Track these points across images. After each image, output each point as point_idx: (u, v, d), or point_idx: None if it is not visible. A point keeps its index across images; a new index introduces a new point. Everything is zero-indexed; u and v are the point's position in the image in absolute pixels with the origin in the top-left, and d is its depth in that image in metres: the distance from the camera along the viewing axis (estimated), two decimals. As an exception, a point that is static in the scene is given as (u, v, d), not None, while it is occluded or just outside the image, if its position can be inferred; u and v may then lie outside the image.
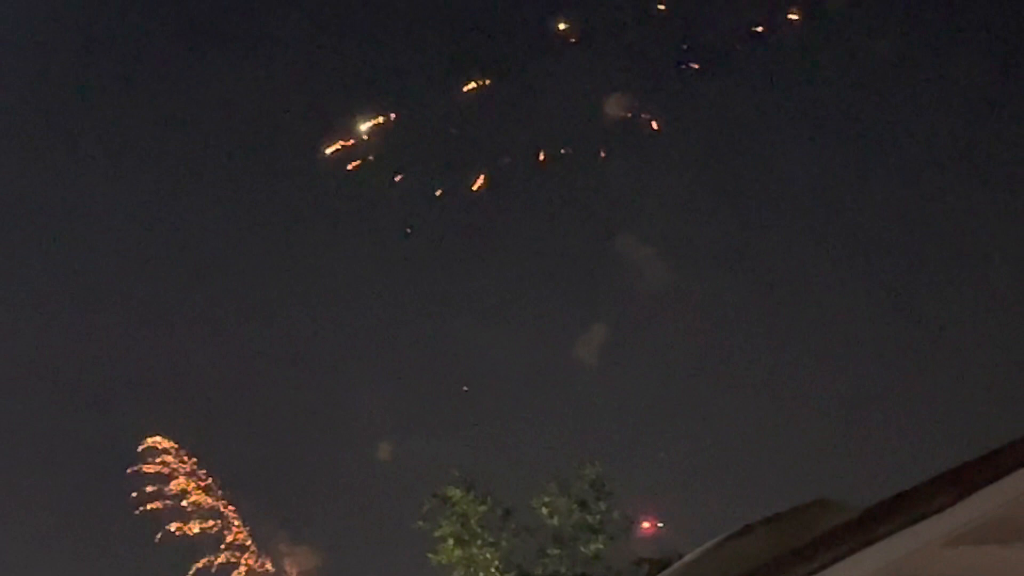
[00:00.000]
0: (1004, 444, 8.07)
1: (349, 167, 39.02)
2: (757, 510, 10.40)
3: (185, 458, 39.53)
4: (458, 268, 40.76)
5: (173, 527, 38.64)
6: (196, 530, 38.61)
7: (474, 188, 38.65)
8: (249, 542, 38.76)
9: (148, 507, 38.85)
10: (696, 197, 40.11)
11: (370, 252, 41.06)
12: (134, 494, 38.92)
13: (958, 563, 6.78)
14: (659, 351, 39.27)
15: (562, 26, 38.76)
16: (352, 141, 39.06)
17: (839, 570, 6.65)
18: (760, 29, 39.06)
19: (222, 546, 38.68)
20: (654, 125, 38.43)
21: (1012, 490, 6.83)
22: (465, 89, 38.96)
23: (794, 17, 39.15)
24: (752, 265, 40.64)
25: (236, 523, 38.91)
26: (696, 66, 38.95)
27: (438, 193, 39.19)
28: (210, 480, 39.82)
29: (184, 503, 39.06)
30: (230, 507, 39.31)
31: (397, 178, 39.41)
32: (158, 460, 39.27)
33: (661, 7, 39.08)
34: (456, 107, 39.69)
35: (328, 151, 39.12)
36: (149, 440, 39.56)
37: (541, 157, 37.72)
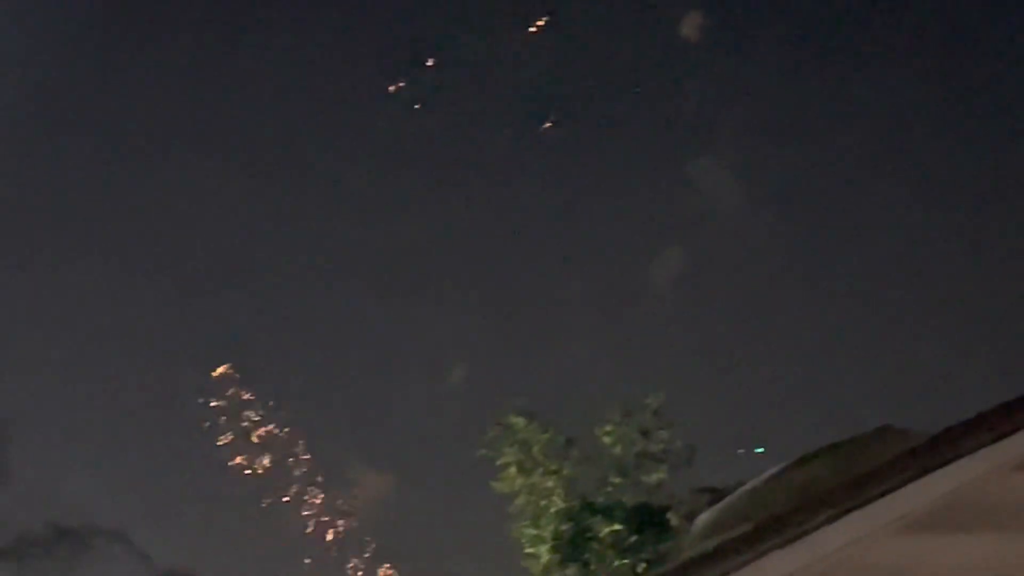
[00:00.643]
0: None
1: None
2: (821, 438, 10.31)
3: (250, 395, 39.86)
4: (530, 202, 40.79)
5: (241, 459, 38.97)
6: (266, 463, 38.89)
7: (545, 126, 38.54)
8: (319, 477, 39.04)
9: (221, 441, 39.28)
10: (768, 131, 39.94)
11: (440, 187, 41.16)
12: (206, 423, 39.27)
13: (1018, 491, 6.65)
14: (724, 284, 39.11)
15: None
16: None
17: (903, 495, 6.54)
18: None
19: (291, 477, 39.01)
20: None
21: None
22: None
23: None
24: (824, 202, 40.42)
25: (304, 455, 39.18)
26: None
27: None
28: (279, 411, 40.14)
29: (254, 437, 39.38)
30: (299, 439, 39.59)
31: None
32: (228, 392, 39.56)
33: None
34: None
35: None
36: (220, 369, 39.87)
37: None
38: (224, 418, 39.22)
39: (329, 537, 37.66)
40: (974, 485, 6.54)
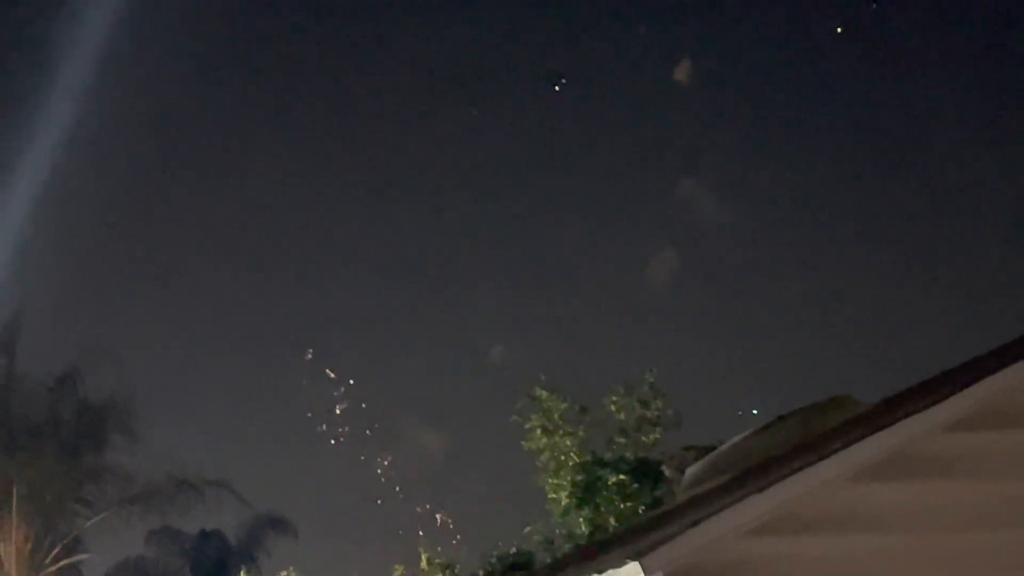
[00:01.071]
0: (990, 349, 7.82)
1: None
2: (789, 405, 10.17)
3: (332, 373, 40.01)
4: (555, 198, 40.90)
5: (325, 427, 39.08)
6: (346, 429, 39.00)
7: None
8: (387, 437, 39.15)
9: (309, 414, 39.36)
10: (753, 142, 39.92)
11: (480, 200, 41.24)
12: (298, 396, 39.25)
13: (952, 446, 6.56)
14: (711, 282, 39.23)
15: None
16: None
17: (855, 450, 6.45)
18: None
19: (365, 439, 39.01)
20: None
21: (999, 382, 6.59)
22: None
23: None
24: (794, 213, 40.44)
25: (375, 423, 39.27)
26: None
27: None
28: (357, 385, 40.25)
29: (337, 409, 39.50)
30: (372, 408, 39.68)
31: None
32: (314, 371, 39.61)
33: None
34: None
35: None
36: (308, 352, 39.94)
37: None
38: (311, 393, 39.33)
39: (397, 488, 37.68)
40: (913, 442, 6.46)
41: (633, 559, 5.74)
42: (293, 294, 42.16)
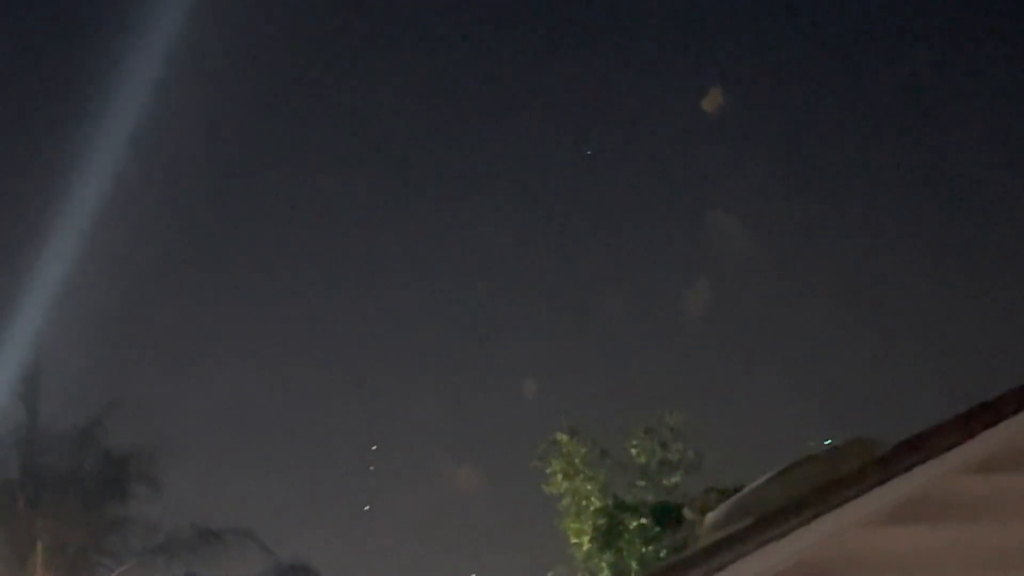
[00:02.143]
0: (1004, 392, 7.81)
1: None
2: (808, 448, 10.19)
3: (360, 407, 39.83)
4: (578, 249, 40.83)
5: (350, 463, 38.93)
6: (372, 467, 38.79)
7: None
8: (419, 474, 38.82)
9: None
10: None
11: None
12: (321, 434, 39.05)
13: (974, 488, 6.57)
14: (739, 311, 39.09)
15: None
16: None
17: (873, 495, 6.46)
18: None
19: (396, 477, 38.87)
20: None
21: (1011, 429, 6.61)
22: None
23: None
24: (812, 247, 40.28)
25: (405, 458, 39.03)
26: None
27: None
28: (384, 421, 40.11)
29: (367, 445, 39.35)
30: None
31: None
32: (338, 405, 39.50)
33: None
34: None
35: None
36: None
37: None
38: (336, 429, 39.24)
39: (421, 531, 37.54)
40: (932, 485, 6.46)
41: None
42: (317, 331, 41.92)
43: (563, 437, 17.73)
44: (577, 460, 17.54)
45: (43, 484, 26.58)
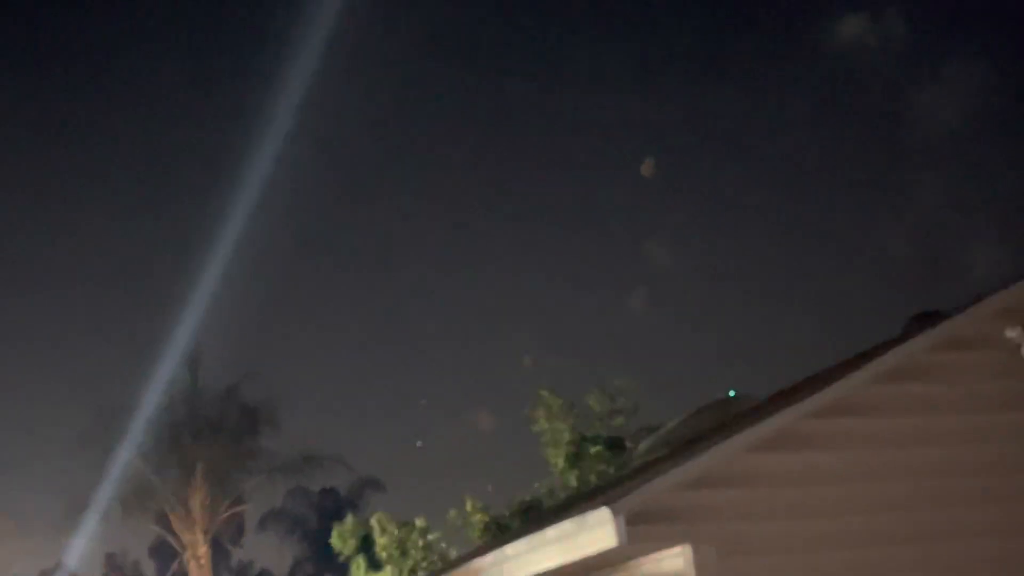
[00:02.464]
0: (843, 359, 7.63)
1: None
2: (709, 398, 9.94)
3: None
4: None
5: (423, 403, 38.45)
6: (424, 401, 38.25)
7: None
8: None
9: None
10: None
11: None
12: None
13: (818, 429, 6.40)
14: (660, 313, 38.68)
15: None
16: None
17: (751, 431, 6.30)
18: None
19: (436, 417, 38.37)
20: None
21: (851, 382, 6.41)
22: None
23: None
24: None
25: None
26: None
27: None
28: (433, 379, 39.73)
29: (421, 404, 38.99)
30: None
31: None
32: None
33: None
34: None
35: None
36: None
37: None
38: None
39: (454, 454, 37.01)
40: (792, 425, 6.30)
41: (605, 504, 5.60)
42: (389, 321, 40.78)
43: (544, 393, 17.52)
44: (554, 408, 17.32)
45: (201, 426, 26.52)
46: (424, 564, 16.96)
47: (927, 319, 7.29)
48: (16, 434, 32.54)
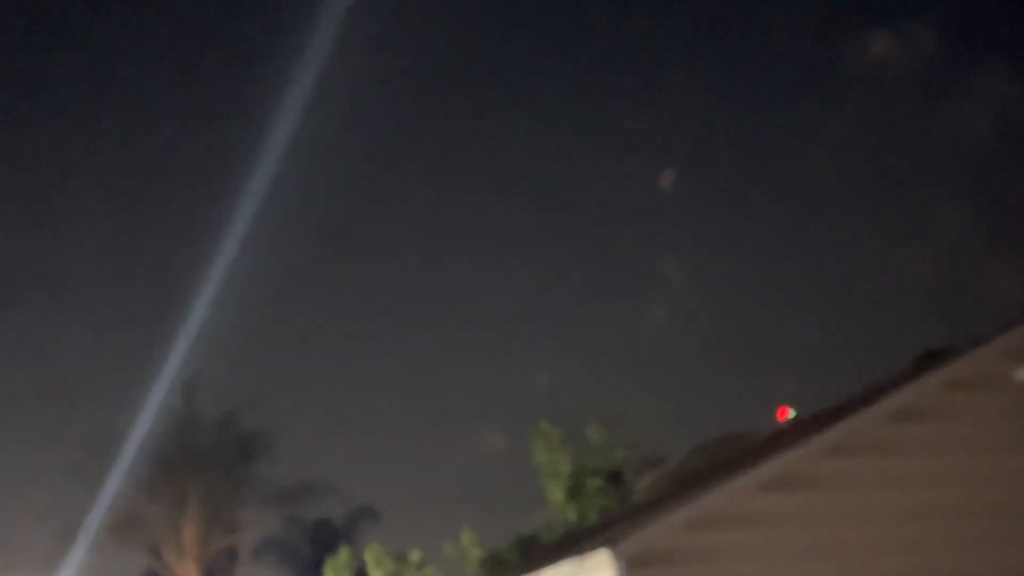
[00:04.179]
0: (851, 395, 7.55)
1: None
2: (711, 434, 9.83)
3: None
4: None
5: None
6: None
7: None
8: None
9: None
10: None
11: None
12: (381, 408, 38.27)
13: (821, 468, 6.30)
14: (667, 343, 37.57)
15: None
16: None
17: (756, 470, 6.20)
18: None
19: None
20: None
21: (857, 421, 6.33)
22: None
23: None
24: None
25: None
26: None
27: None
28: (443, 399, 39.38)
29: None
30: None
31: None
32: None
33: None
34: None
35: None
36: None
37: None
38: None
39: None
40: (797, 464, 6.21)
41: (606, 546, 5.50)
42: (384, 343, 39.73)
43: (546, 424, 17.38)
44: (553, 440, 17.17)
45: (195, 454, 26.37)
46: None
47: (936, 358, 7.22)
48: (5, 463, 32.19)
